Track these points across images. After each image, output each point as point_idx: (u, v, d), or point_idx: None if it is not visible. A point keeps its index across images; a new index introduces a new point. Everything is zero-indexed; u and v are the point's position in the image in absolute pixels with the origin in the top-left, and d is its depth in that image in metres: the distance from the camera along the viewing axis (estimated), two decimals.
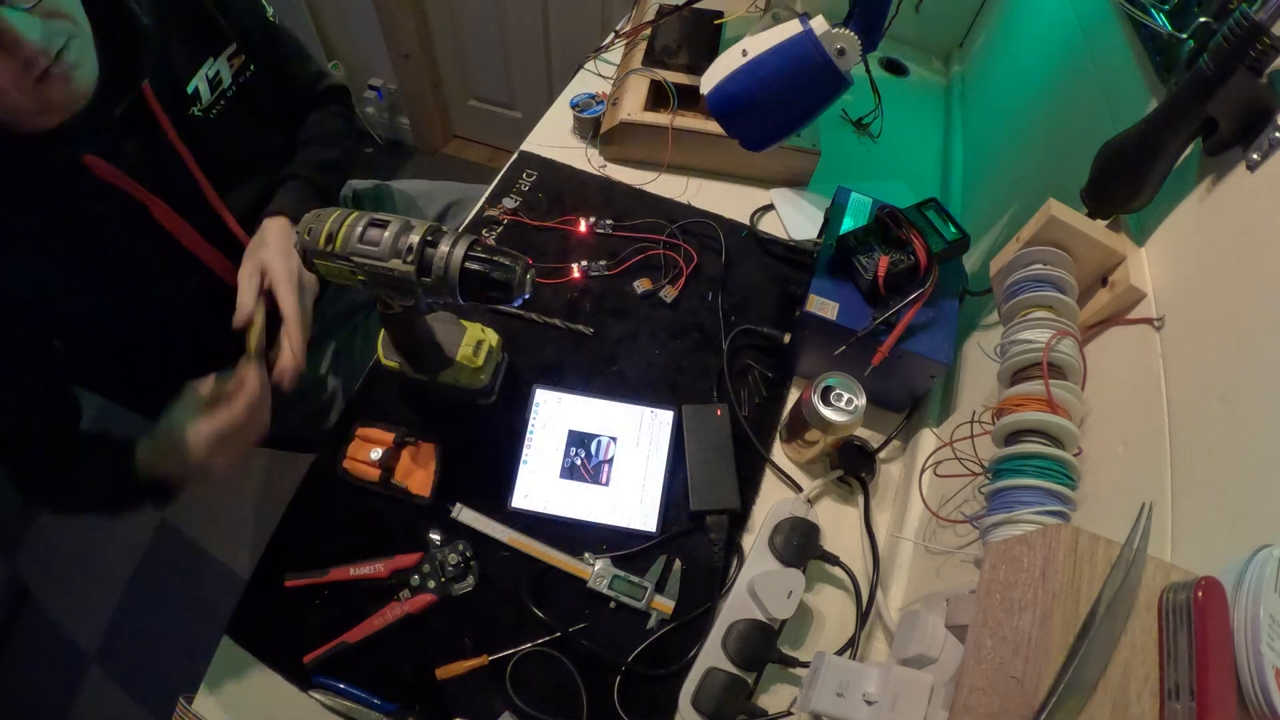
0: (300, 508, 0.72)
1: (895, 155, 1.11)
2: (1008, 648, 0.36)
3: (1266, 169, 0.43)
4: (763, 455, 0.78)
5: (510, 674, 0.64)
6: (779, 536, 0.68)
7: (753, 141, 0.74)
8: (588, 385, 0.81)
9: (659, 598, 0.68)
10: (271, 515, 0.71)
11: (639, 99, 0.99)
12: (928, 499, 0.69)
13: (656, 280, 0.89)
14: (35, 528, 1.59)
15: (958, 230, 0.74)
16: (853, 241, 0.75)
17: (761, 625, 0.64)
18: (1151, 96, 0.60)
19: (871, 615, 0.68)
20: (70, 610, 1.50)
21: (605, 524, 0.72)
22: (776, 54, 0.66)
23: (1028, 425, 0.50)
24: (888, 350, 0.70)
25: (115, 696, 1.40)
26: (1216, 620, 0.31)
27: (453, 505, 0.71)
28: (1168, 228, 0.53)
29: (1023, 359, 0.53)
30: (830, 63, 0.65)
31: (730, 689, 0.61)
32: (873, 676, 0.52)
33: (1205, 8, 0.51)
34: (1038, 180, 0.80)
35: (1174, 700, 0.31)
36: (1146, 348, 0.49)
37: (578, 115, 1.03)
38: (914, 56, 1.29)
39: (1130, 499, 0.43)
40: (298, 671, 0.63)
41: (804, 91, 0.68)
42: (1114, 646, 0.33)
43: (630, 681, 0.64)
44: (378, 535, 0.70)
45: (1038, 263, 0.57)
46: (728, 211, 0.99)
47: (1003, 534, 0.47)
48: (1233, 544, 0.36)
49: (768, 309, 0.88)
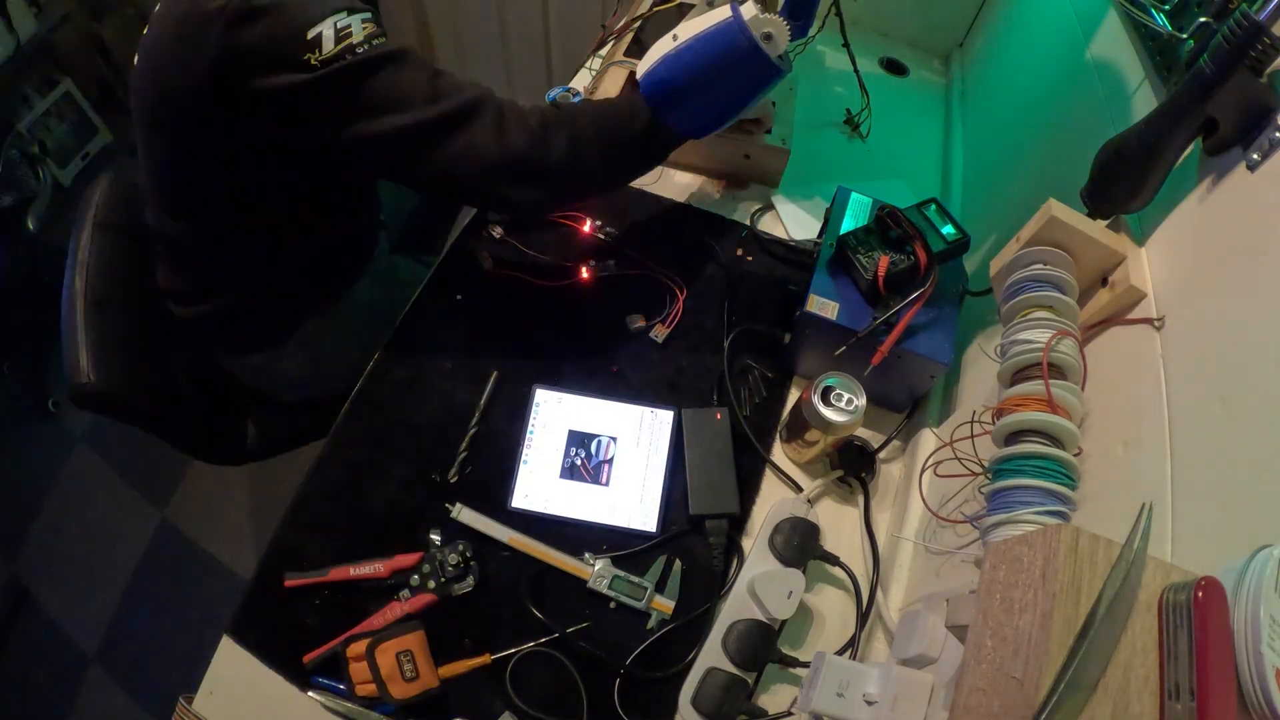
0: (300, 508, 0.72)
1: (895, 155, 1.11)
2: (1008, 648, 0.36)
3: (1267, 169, 0.43)
4: (763, 455, 0.78)
5: (510, 674, 0.64)
6: (779, 536, 0.68)
7: (689, 128, 0.74)
8: (588, 385, 0.81)
9: (659, 598, 0.68)
10: (271, 515, 0.71)
11: (615, 89, 0.99)
12: (928, 499, 0.69)
13: (650, 319, 0.87)
14: (35, 528, 1.59)
15: (958, 230, 0.74)
16: (853, 241, 0.75)
17: (761, 625, 0.64)
18: (1152, 96, 0.60)
19: (871, 615, 0.68)
20: (70, 610, 1.50)
21: (605, 524, 0.72)
22: (704, 39, 0.66)
23: (1028, 425, 0.50)
24: (888, 350, 0.70)
25: (115, 696, 1.40)
26: (1217, 620, 0.31)
27: (453, 505, 0.71)
28: (1168, 228, 0.53)
29: (1023, 359, 0.53)
30: (757, 48, 0.64)
31: (730, 689, 0.61)
32: (873, 676, 0.52)
33: (1205, 8, 0.51)
34: (1038, 180, 0.80)
35: (1174, 700, 0.31)
36: (1146, 348, 0.49)
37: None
38: (914, 56, 1.29)
39: (1130, 499, 0.43)
40: (298, 671, 0.63)
41: (733, 77, 0.67)
42: (1114, 647, 0.33)
43: (630, 681, 0.64)
44: (378, 535, 0.70)
45: (1038, 263, 0.57)
46: (727, 211, 0.99)
47: (1003, 534, 0.47)
48: (1233, 544, 0.36)
49: (768, 309, 0.88)
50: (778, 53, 0.66)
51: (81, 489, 1.64)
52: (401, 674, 0.61)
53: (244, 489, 1.64)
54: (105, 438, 1.70)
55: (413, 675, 0.61)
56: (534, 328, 0.85)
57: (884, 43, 1.30)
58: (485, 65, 2.08)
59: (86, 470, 1.66)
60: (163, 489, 1.63)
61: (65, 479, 1.65)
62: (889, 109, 1.13)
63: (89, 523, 1.60)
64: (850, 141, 1.12)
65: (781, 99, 1.01)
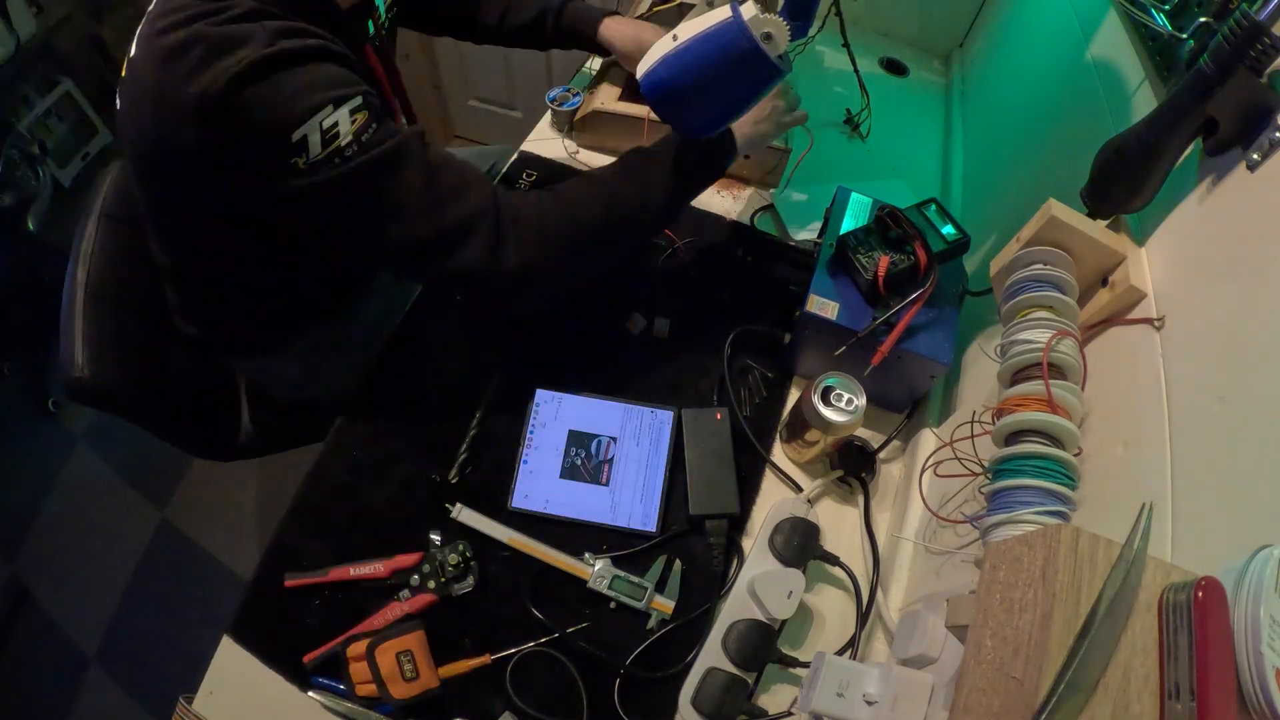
0: (301, 507, 0.72)
1: (895, 155, 1.11)
2: (1008, 648, 0.36)
3: (1267, 169, 0.43)
4: (763, 456, 0.78)
5: (510, 674, 0.64)
6: (779, 536, 0.68)
7: (688, 129, 0.74)
8: (588, 385, 0.81)
9: (659, 598, 0.68)
10: (272, 515, 0.71)
11: (615, 89, 0.99)
12: (928, 499, 0.69)
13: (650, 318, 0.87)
14: (35, 528, 1.59)
15: (958, 230, 0.74)
16: (853, 241, 0.75)
17: (761, 625, 0.64)
18: (1152, 96, 0.60)
19: (871, 615, 0.68)
20: (70, 610, 1.50)
21: (605, 524, 0.72)
22: (704, 39, 0.66)
23: (1028, 425, 0.50)
24: (888, 350, 0.70)
25: (115, 696, 1.40)
26: (1217, 620, 0.31)
27: (453, 505, 0.71)
28: (1168, 228, 0.53)
29: (1023, 359, 0.53)
30: (757, 48, 0.64)
31: (730, 689, 0.61)
32: (873, 676, 0.52)
33: (1205, 8, 0.51)
34: (1038, 180, 0.80)
35: (1174, 700, 0.31)
36: (1146, 348, 0.49)
37: (555, 109, 1.04)
38: (914, 56, 1.29)
39: (1130, 499, 0.43)
40: (298, 671, 0.63)
41: (733, 77, 0.67)
42: (1114, 647, 0.33)
43: (630, 681, 0.64)
44: (378, 535, 0.70)
45: (1038, 263, 0.57)
46: (727, 211, 0.99)
47: (1003, 534, 0.47)
48: (1233, 544, 0.36)
49: (768, 309, 0.88)
50: (778, 53, 0.66)
51: (81, 489, 1.64)
52: (401, 674, 0.61)
53: (244, 489, 1.64)
54: (105, 438, 1.70)
55: (413, 675, 0.61)
56: (534, 328, 0.85)
57: (884, 43, 1.30)
58: (485, 65, 2.08)
59: (86, 470, 1.66)
60: (163, 489, 1.63)
61: (65, 479, 1.65)
62: (889, 109, 1.13)
63: (89, 523, 1.60)
64: (850, 141, 1.12)
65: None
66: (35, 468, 1.66)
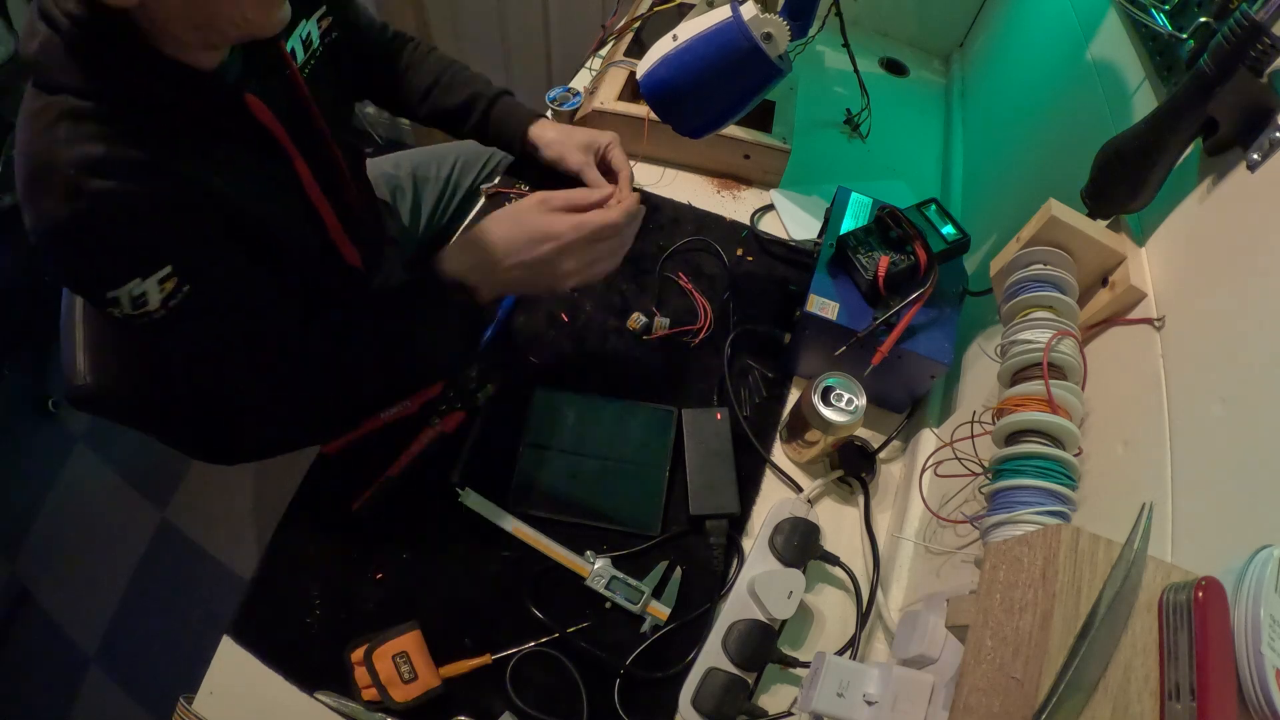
0: (300, 508, 0.72)
1: (895, 155, 1.11)
2: (1008, 648, 0.36)
3: (1267, 169, 0.43)
4: (763, 456, 0.78)
5: (510, 674, 0.64)
6: (779, 537, 0.68)
7: (688, 129, 0.74)
8: (587, 385, 0.81)
9: (655, 603, 0.67)
10: (271, 515, 0.71)
11: (615, 90, 0.99)
12: (928, 499, 0.69)
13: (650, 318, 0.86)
14: (35, 528, 1.59)
15: (958, 230, 0.74)
16: (853, 241, 0.75)
17: (762, 625, 0.64)
18: (1152, 96, 0.60)
19: (872, 615, 0.68)
20: (70, 610, 1.50)
21: (605, 524, 0.72)
22: (704, 39, 0.66)
23: (1028, 425, 0.50)
24: (888, 350, 0.70)
25: (115, 696, 1.40)
26: (1217, 620, 0.31)
27: (461, 488, 0.71)
28: (1168, 228, 0.53)
29: (1023, 359, 0.53)
30: (757, 48, 0.65)
31: (730, 689, 0.61)
32: (873, 677, 0.52)
33: (1205, 8, 0.51)
34: (1038, 180, 0.80)
35: (1174, 700, 0.31)
36: (1146, 348, 0.49)
37: (555, 109, 1.04)
38: (914, 56, 1.29)
39: (1130, 499, 0.43)
40: (298, 671, 0.63)
41: (733, 77, 0.67)
42: (1114, 647, 0.33)
43: (630, 681, 0.64)
44: (378, 535, 0.70)
45: (1038, 263, 0.57)
46: (727, 211, 0.99)
47: (1003, 534, 0.47)
48: (1233, 544, 0.36)
49: (768, 309, 0.88)
50: (778, 53, 0.66)
51: (81, 489, 1.64)
52: (400, 676, 0.61)
53: (244, 489, 1.64)
54: (105, 438, 1.70)
55: (411, 676, 0.61)
56: (535, 327, 0.85)
57: (884, 43, 1.30)
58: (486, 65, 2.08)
59: (86, 470, 1.67)
60: (163, 489, 1.63)
61: (65, 479, 1.65)
62: (889, 109, 1.13)
63: (89, 523, 1.60)
64: (850, 141, 1.12)
65: (781, 99, 1.01)
66: (35, 468, 1.66)
